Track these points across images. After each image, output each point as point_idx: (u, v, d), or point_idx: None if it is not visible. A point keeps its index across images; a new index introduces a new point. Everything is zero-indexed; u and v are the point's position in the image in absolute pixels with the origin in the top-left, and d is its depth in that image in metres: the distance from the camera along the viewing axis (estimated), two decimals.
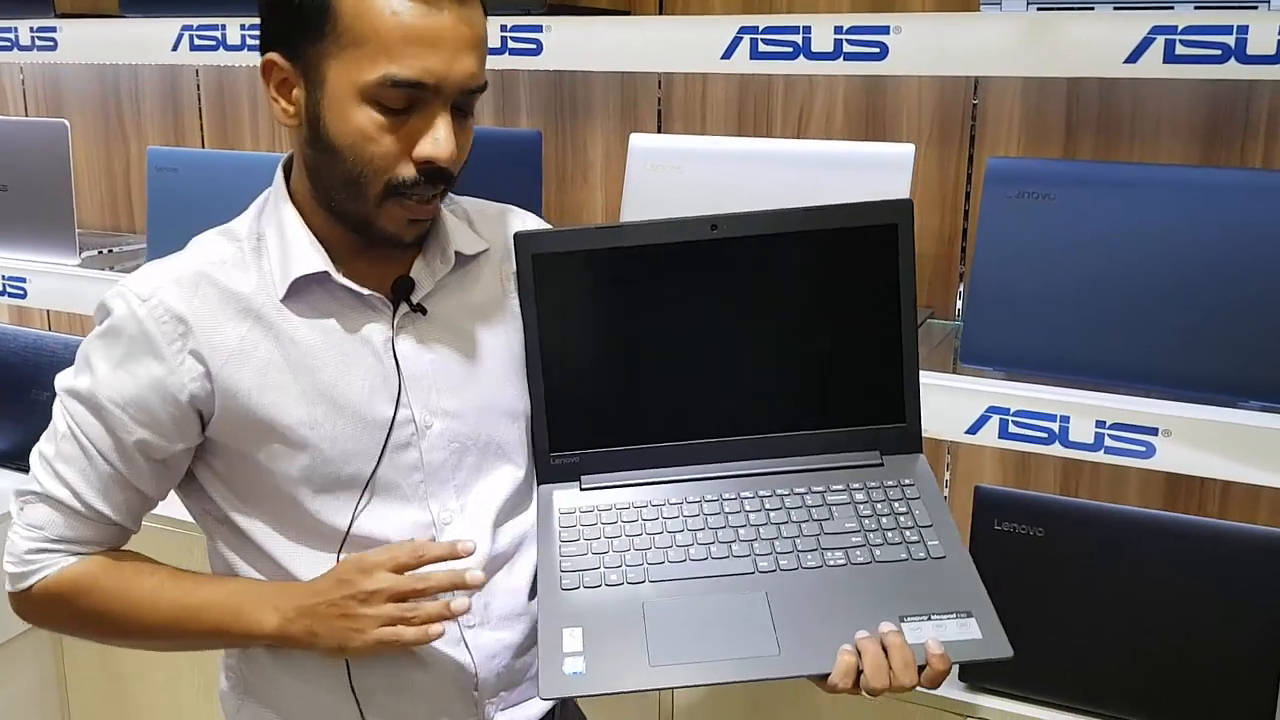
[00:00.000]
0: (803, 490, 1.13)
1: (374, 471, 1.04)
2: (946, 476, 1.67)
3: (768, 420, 1.16)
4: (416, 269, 1.07)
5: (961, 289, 1.67)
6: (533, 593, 1.10)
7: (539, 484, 1.16)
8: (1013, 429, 1.27)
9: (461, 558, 1.01)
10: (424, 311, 1.07)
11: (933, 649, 0.94)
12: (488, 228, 1.15)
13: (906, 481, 1.13)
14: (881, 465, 1.16)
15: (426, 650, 1.05)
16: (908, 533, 1.07)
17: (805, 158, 1.47)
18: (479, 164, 1.08)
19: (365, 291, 1.04)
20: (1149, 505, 1.57)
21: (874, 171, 1.38)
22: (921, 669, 0.95)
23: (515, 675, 1.10)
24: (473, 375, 1.09)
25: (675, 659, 0.96)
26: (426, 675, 1.06)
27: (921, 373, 1.15)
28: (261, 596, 1.04)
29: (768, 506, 1.11)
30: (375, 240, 1.02)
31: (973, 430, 1.28)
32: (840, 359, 1.16)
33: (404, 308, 1.06)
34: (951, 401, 1.31)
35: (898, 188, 1.37)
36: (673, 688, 0.90)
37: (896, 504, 1.11)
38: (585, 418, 1.16)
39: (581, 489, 1.15)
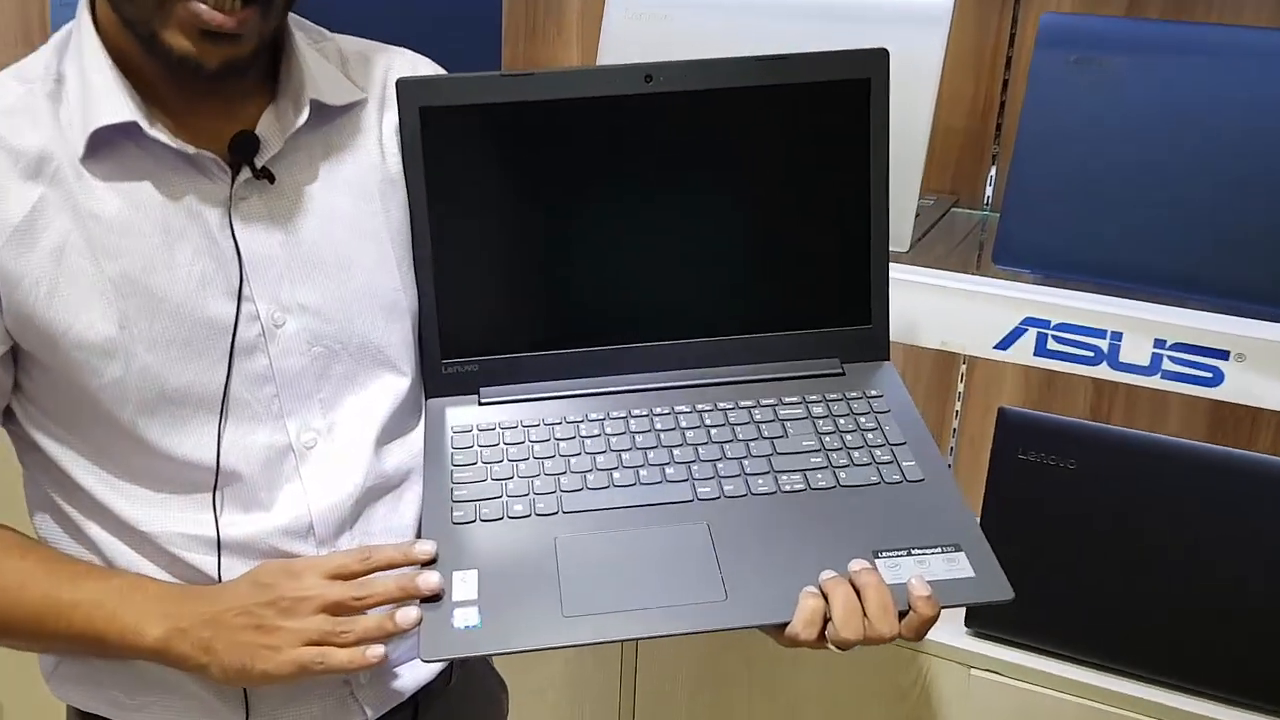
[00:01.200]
0: (750, 404, 0.93)
1: (226, 385, 0.81)
2: (959, 393, 1.44)
3: (708, 321, 0.96)
4: (264, 123, 0.83)
5: (994, 172, 1.42)
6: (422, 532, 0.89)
7: (428, 398, 0.94)
8: (1052, 345, 1.06)
9: (420, 562, 0.79)
10: (271, 178, 0.83)
11: (916, 589, 0.76)
12: (365, 72, 0.91)
13: (873, 393, 0.94)
14: (843, 374, 0.97)
15: None
16: (877, 452, 0.88)
17: (819, 6, 1.20)
18: (423, 11, 0.84)
19: (192, 150, 0.80)
20: (1192, 436, 1.36)
21: (900, 26, 1.13)
22: (903, 615, 0.76)
23: None
24: (340, 260, 0.86)
25: (596, 607, 0.76)
26: None
27: (944, 273, 0.96)
28: (148, 598, 0.80)
29: (708, 423, 0.91)
30: (174, 68, 0.77)
31: (1003, 345, 1.08)
32: (795, 247, 0.96)
33: (245, 172, 0.82)
34: (978, 310, 1.09)
35: (929, 46, 1.12)
36: (592, 643, 0.70)
37: (863, 419, 0.92)
38: (486, 315, 0.94)
39: (481, 403, 0.94)
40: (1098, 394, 1.41)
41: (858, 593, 0.76)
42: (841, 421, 0.92)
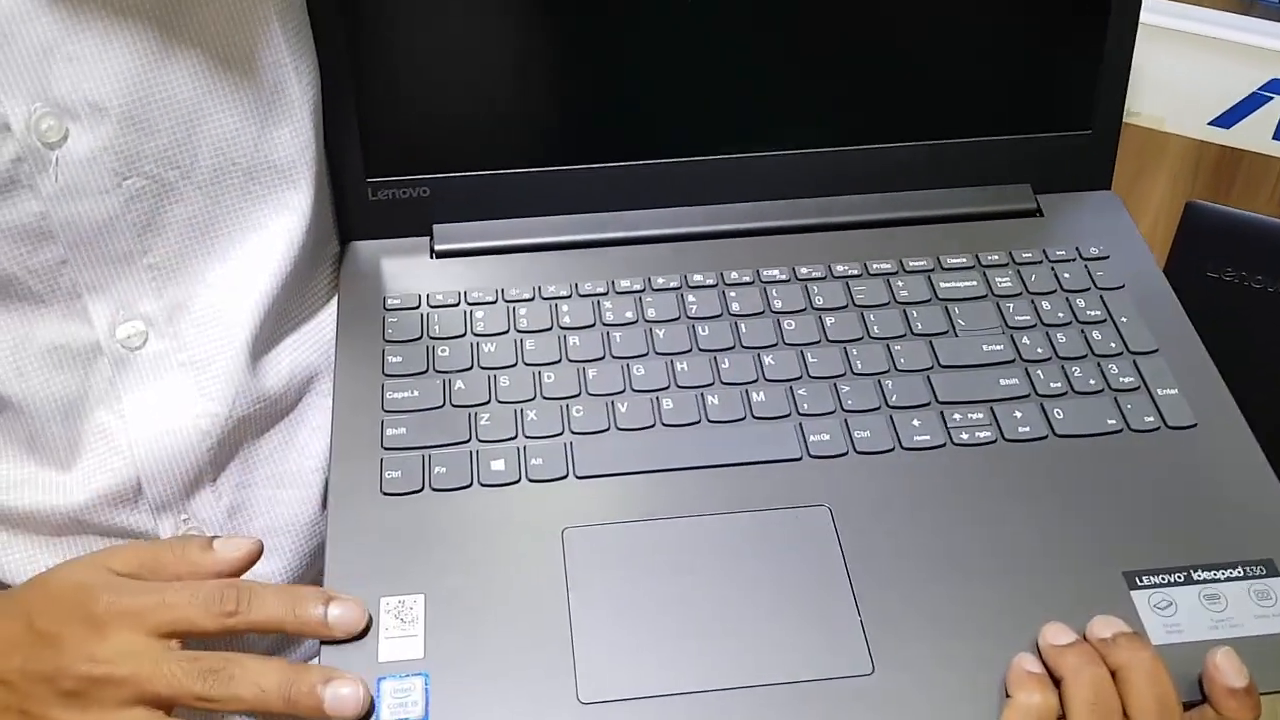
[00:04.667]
0: (886, 268, 0.55)
1: None
2: None
3: (809, 121, 0.56)
4: None
5: None
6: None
7: (342, 243, 0.56)
8: None
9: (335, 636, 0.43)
10: None
11: (1223, 674, 0.41)
12: None
13: (1094, 250, 0.56)
14: (1039, 214, 0.58)
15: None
16: (1110, 367, 0.52)
17: None
18: None
19: None
20: None
21: None
22: (1189, 706, 0.42)
23: (281, 652, 0.56)
24: (165, 21, 0.45)
25: (641, 686, 0.42)
26: None
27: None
28: None
29: (816, 303, 0.54)
30: None
31: (1226, 120, 0.68)
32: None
33: None
34: (1196, 60, 0.68)
35: None
36: None
37: (1079, 299, 0.54)
38: (440, 102, 0.55)
39: (434, 253, 0.56)
40: None
41: (1113, 674, 0.41)
42: (1045, 305, 0.54)
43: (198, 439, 0.49)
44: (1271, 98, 0.76)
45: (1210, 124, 0.78)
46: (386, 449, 0.48)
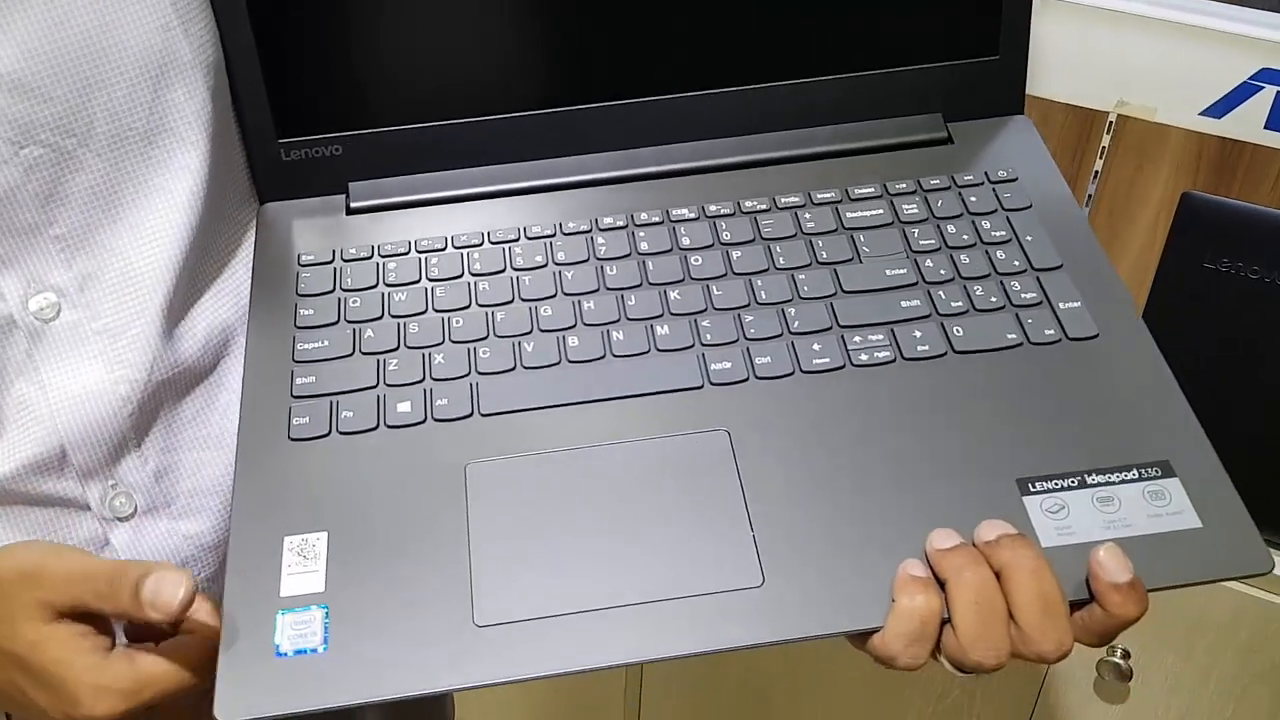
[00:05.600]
0: (794, 200, 0.56)
1: None
2: (1096, 171, 0.89)
3: (719, 57, 0.57)
4: None
5: None
6: None
7: (261, 203, 0.57)
8: None
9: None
10: None
11: (1106, 569, 0.41)
12: None
13: (1002, 173, 0.57)
14: (949, 142, 0.58)
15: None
16: (1014, 284, 0.52)
17: None
18: None
19: None
20: None
21: None
22: (1077, 606, 0.42)
23: None
24: None
25: (534, 607, 0.43)
26: None
27: None
28: None
29: (725, 238, 0.55)
30: None
31: (1218, 110, 0.68)
32: None
33: None
34: (1186, 51, 0.68)
35: None
36: (526, 679, 0.36)
37: (986, 221, 0.55)
38: (346, 61, 0.55)
39: (349, 210, 0.57)
40: None
41: (998, 575, 0.42)
42: (950, 229, 0.54)
43: (118, 405, 0.50)
44: (1262, 87, 0.75)
45: (1201, 114, 0.78)
46: (296, 397, 0.50)
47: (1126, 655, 0.87)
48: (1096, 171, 0.84)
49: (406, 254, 0.55)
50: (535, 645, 0.42)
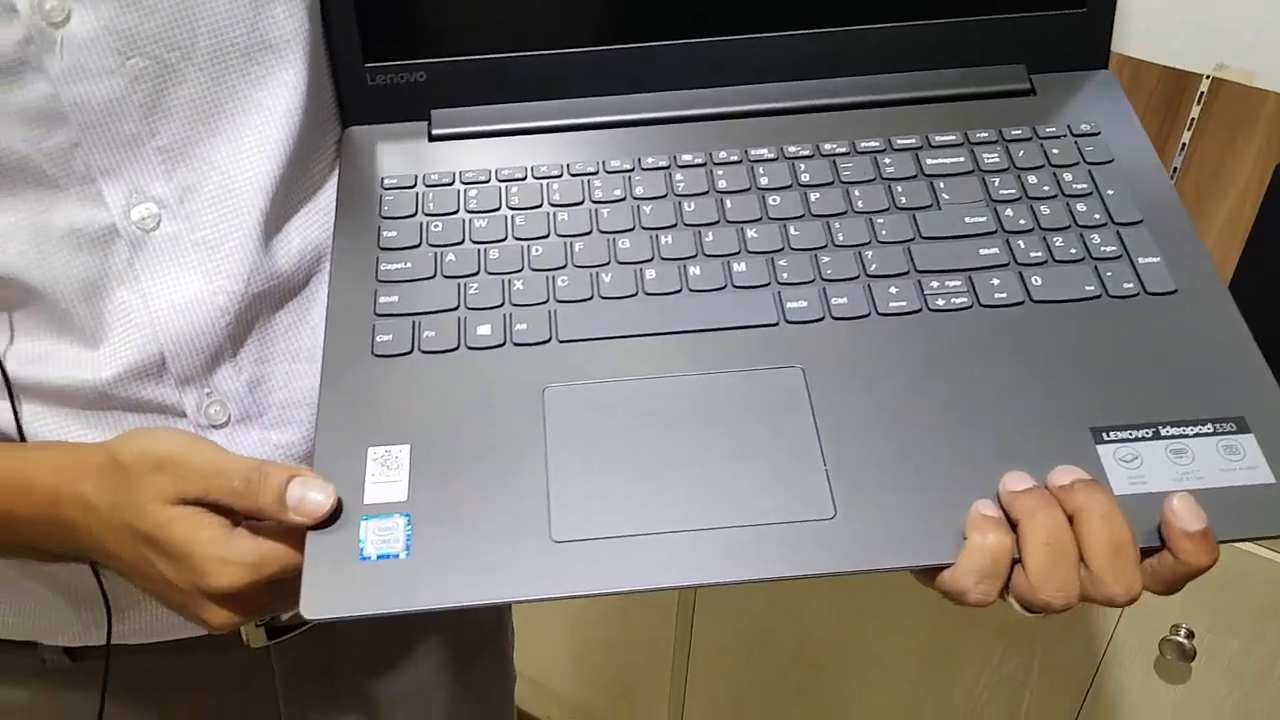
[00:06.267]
0: (874, 144, 0.56)
1: None
2: (1183, 144, 0.87)
3: (801, 4, 0.57)
4: None
5: None
6: None
7: (343, 127, 0.58)
8: None
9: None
10: None
11: (1179, 517, 0.42)
12: None
13: (1084, 127, 0.56)
14: (1032, 93, 0.58)
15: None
16: (1093, 237, 0.52)
17: None
18: None
19: None
20: None
21: None
22: (1147, 552, 0.43)
23: None
24: None
25: (610, 527, 0.44)
26: None
27: None
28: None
29: (802, 180, 0.55)
30: None
31: None
32: None
33: None
34: None
35: None
36: (602, 594, 0.37)
37: (1068, 173, 0.54)
38: None
39: (432, 135, 0.57)
40: None
41: (1070, 519, 0.42)
42: (1031, 179, 0.54)
43: (215, 315, 0.52)
44: None
45: None
46: (379, 315, 0.51)
47: (1191, 635, 0.86)
48: (1184, 145, 0.82)
49: (488, 182, 0.55)
50: (610, 563, 0.43)
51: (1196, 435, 0.45)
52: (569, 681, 1.38)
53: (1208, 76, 0.78)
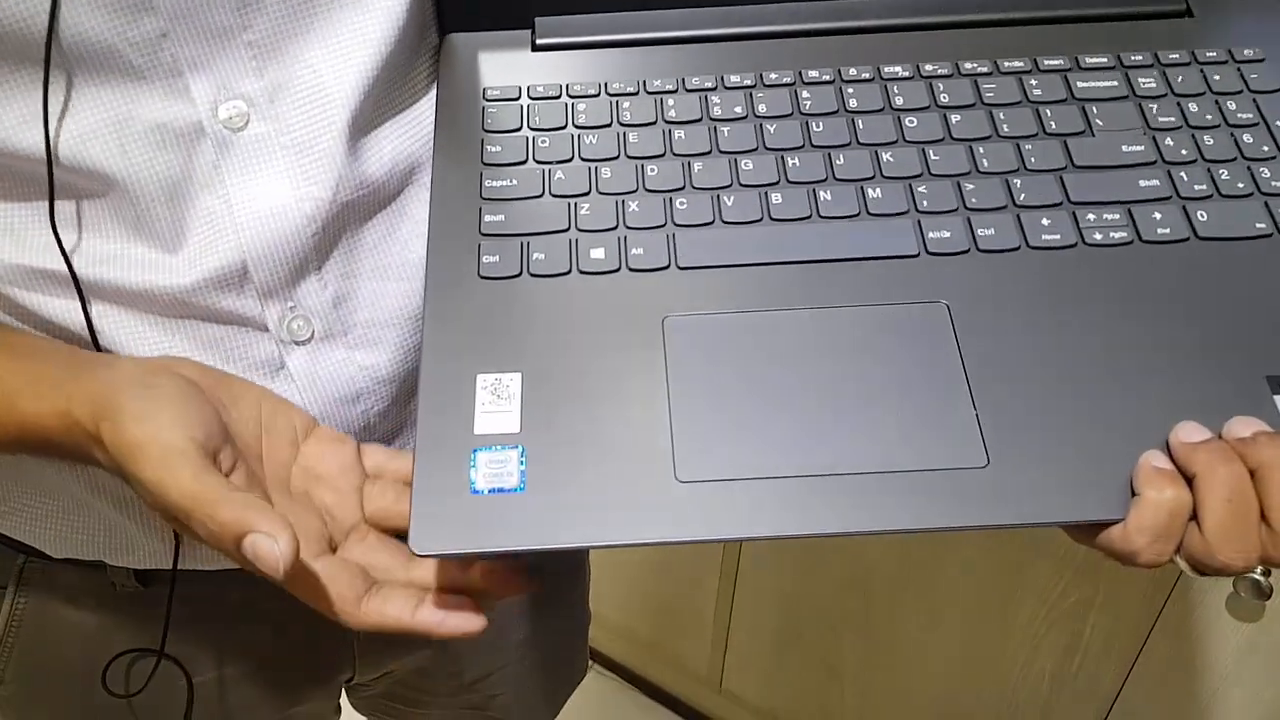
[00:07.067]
0: (1020, 65, 0.51)
1: (53, 13, 0.43)
2: None
3: None
4: None
5: None
6: None
7: (441, 34, 0.54)
8: None
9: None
10: None
11: None
12: None
13: (1248, 53, 0.51)
14: (1189, 15, 0.53)
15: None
16: (1262, 170, 0.47)
17: None
18: None
19: None
20: None
21: None
22: None
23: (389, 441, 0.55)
24: None
25: (738, 467, 0.40)
26: None
27: None
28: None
29: (944, 101, 0.50)
30: None
31: None
32: None
33: None
34: None
35: None
36: (731, 540, 0.34)
37: (1232, 102, 0.50)
38: None
39: (536, 45, 0.53)
40: None
41: (1251, 474, 0.38)
42: (1193, 107, 0.50)
43: (302, 224, 0.48)
44: None
45: None
46: (484, 235, 0.47)
47: (1267, 573, 0.83)
48: None
49: (597, 95, 0.51)
50: (739, 507, 0.40)
51: None
52: (612, 604, 1.35)
53: None
